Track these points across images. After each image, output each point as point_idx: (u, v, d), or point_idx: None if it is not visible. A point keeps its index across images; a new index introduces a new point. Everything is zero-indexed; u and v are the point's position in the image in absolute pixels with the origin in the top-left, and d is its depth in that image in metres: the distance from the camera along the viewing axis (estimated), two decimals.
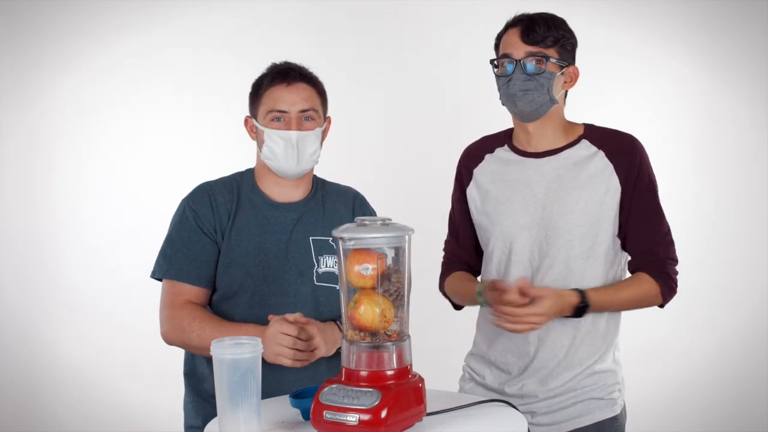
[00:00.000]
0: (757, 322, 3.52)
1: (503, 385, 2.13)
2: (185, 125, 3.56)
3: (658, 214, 2.10)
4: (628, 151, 2.08)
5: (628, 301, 2.06)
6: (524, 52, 2.03)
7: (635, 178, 2.06)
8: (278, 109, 2.10)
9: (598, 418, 2.08)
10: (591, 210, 2.05)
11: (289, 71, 2.13)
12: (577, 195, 2.06)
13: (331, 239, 2.12)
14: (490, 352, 2.17)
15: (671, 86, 3.54)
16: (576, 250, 2.05)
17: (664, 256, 2.08)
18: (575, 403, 2.07)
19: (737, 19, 3.48)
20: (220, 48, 3.54)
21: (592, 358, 2.08)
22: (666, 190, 3.67)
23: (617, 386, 2.12)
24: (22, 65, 3.53)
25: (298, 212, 2.15)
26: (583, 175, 2.07)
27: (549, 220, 2.06)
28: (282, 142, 2.08)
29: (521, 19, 2.07)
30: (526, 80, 2.02)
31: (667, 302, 2.11)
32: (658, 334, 3.52)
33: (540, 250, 2.07)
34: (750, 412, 3.51)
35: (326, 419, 1.55)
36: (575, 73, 2.10)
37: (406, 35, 3.58)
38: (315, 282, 2.11)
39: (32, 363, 3.60)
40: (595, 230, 2.05)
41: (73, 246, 3.58)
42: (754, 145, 3.50)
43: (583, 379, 2.08)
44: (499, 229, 2.13)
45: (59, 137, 3.54)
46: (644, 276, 2.07)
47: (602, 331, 2.09)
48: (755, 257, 3.52)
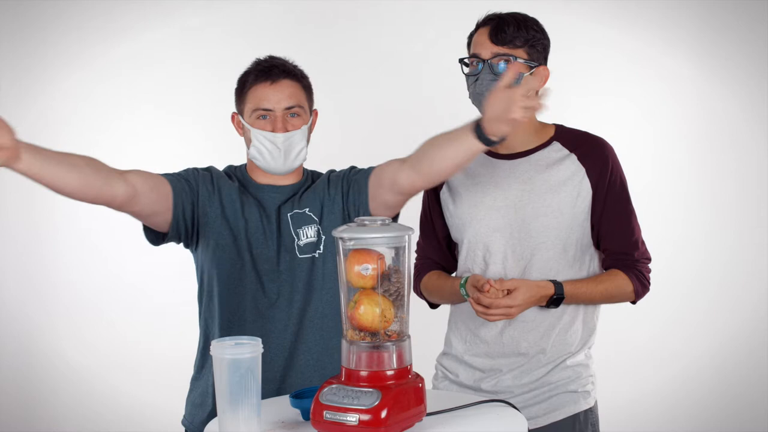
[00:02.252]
0: (756, 322, 3.52)
1: (478, 382, 2.15)
2: (186, 125, 3.56)
3: (629, 215, 2.14)
4: (599, 154, 2.11)
5: (602, 294, 2.11)
6: (491, 53, 2.05)
7: (607, 182, 2.10)
8: (263, 108, 2.10)
9: (574, 410, 2.11)
10: (563, 212, 2.08)
11: (272, 68, 2.13)
12: (549, 198, 2.09)
13: (307, 209, 2.14)
14: (465, 351, 2.19)
15: (670, 86, 3.54)
16: (549, 251, 2.09)
17: (637, 256, 2.13)
18: (550, 397, 2.11)
19: (735, 20, 3.48)
20: (220, 47, 3.53)
21: (565, 354, 2.12)
22: (665, 190, 3.69)
23: (590, 379, 2.16)
24: (22, 65, 3.53)
25: (285, 194, 2.16)
26: (554, 178, 2.10)
27: (522, 223, 2.10)
28: (268, 144, 2.09)
29: (491, 18, 2.08)
30: (492, 80, 2.03)
31: (640, 298, 2.17)
32: (657, 334, 3.53)
33: (514, 252, 2.10)
34: (750, 412, 3.51)
35: (326, 419, 1.55)
36: (546, 74, 2.11)
37: (405, 33, 3.57)
38: (298, 255, 2.11)
39: (32, 363, 3.60)
40: (567, 232, 2.09)
41: (73, 246, 3.58)
42: (753, 145, 3.50)
43: (557, 372, 2.11)
44: (472, 231, 2.15)
45: (59, 137, 3.52)
46: (618, 272, 2.12)
47: (578, 330, 2.14)
48: (754, 258, 3.52)
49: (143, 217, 2.07)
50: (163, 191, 2.05)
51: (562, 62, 3.37)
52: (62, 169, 1.81)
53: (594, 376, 2.18)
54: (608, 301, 2.15)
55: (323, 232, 2.13)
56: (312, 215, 2.14)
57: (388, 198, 2.10)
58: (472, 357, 2.17)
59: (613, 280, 2.11)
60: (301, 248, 2.12)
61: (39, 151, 1.78)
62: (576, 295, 2.07)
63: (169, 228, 2.09)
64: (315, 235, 2.13)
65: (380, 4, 3.53)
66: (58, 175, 1.81)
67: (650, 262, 2.16)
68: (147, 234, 2.13)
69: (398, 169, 2.06)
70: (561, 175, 2.10)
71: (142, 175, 2.02)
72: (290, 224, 2.13)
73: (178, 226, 2.09)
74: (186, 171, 2.16)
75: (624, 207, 2.13)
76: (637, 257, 2.13)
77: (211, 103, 3.49)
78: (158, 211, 2.05)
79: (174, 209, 2.07)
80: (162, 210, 2.06)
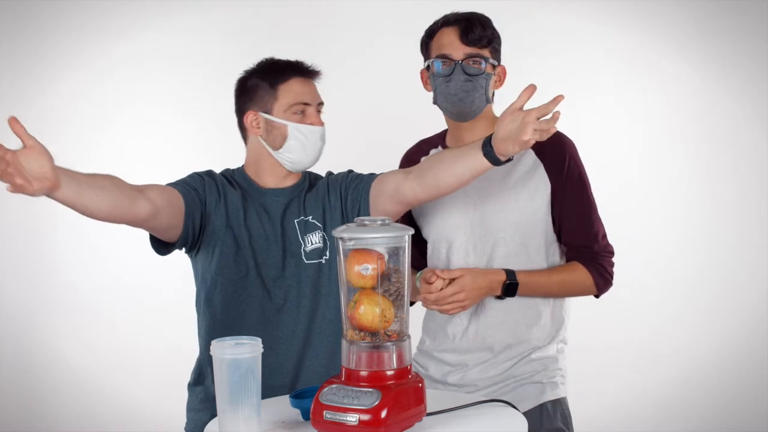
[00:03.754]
0: (756, 322, 3.52)
1: (445, 376, 2.18)
2: (186, 125, 3.56)
3: (589, 207, 2.15)
4: (556, 148, 2.12)
5: (559, 285, 2.12)
6: (464, 53, 2.08)
7: (565, 174, 2.12)
8: (303, 102, 2.12)
9: (540, 400, 2.12)
10: (522, 208, 2.11)
11: (303, 65, 2.16)
12: (508, 193, 2.12)
13: (311, 217, 2.15)
14: (434, 347, 2.22)
15: (669, 86, 3.54)
16: (509, 246, 2.12)
17: (597, 249, 2.14)
18: (515, 389, 2.12)
19: (734, 20, 3.48)
20: (220, 47, 3.53)
21: (531, 348, 2.14)
22: (665, 191, 3.69)
23: (559, 372, 2.16)
24: (22, 65, 3.53)
25: (287, 197, 2.17)
26: (513, 174, 2.13)
27: (482, 219, 2.13)
28: (312, 136, 2.11)
29: (458, 19, 2.10)
30: (466, 81, 2.07)
31: (603, 292, 2.17)
32: (657, 334, 3.53)
33: (475, 248, 2.14)
34: (750, 412, 3.51)
35: (326, 419, 1.56)
36: (504, 73, 2.16)
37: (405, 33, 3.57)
38: (305, 261, 2.12)
39: (32, 363, 3.60)
40: (527, 227, 2.12)
41: (73, 246, 3.58)
42: (753, 145, 3.50)
43: (522, 366, 2.13)
44: (435, 229, 2.19)
45: (59, 137, 3.52)
46: (577, 264, 2.14)
47: (546, 325, 2.15)
48: (754, 258, 3.52)
49: (159, 232, 2.06)
50: (177, 204, 2.04)
51: (562, 63, 3.40)
52: (94, 193, 1.79)
53: (563, 370, 2.18)
54: (568, 294, 2.16)
55: (328, 238, 2.14)
56: (316, 222, 2.15)
57: (387, 207, 2.11)
58: (441, 353, 2.20)
59: (571, 272, 2.12)
60: (308, 254, 2.12)
61: (73, 176, 1.74)
62: (530, 283, 2.08)
63: (178, 238, 2.08)
64: (320, 240, 2.14)
65: (382, 5, 3.53)
66: (92, 200, 1.78)
67: (613, 257, 2.16)
68: (154, 244, 2.11)
69: (402, 180, 2.08)
70: (519, 170, 2.13)
71: (159, 190, 2.01)
72: (297, 230, 2.13)
73: (186, 236, 2.08)
74: (192, 178, 2.14)
75: (583, 200, 2.14)
76: (597, 250, 2.13)
77: (211, 102, 3.48)
78: (174, 224, 2.05)
79: (185, 220, 2.07)
80: (177, 223, 2.05)
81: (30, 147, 1.63)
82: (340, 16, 3.55)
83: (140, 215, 1.92)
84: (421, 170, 2.06)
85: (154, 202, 1.95)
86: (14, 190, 1.62)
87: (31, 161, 1.62)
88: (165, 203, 1.99)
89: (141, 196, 1.92)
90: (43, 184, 1.64)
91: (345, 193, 2.17)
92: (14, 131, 1.62)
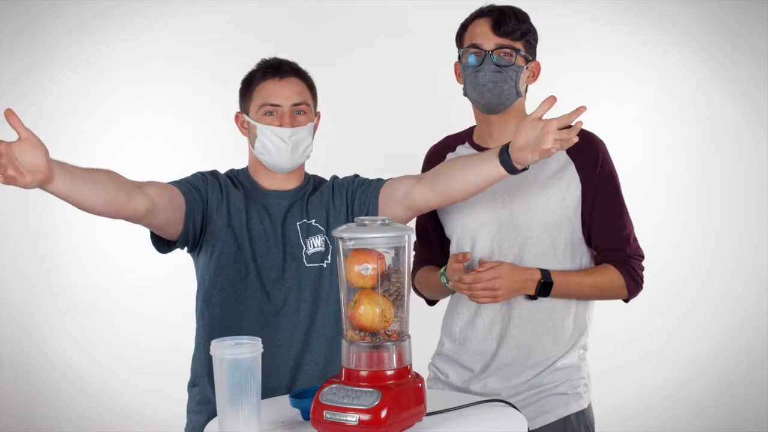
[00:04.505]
0: (756, 322, 3.52)
1: (467, 383, 2.14)
2: (186, 125, 3.56)
3: (621, 210, 2.12)
4: (589, 148, 2.09)
5: (592, 286, 2.08)
6: (494, 44, 2.05)
7: (597, 176, 2.08)
8: (271, 103, 2.10)
9: (564, 413, 2.08)
10: (552, 207, 2.07)
11: (281, 65, 2.14)
12: (537, 192, 2.08)
13: (314, 221, 2.14)
14: (455, 351, 2.17)
15: (669, 86, 3.54)
16: (537, 246, 2.08)
17: (629, 252, 2.10)
18: (539, 400, 2.08)
19: (735, 20, 3.48)
20: (221, 47, 3.53)
21: (555, 356, 2.09)
22: (665, 190, 3.69)
23: (582, 381, 2.12)
24: (22, 65, 3.53)
25: (289, 200, 2.16)
26: (544, 172, 2.09)
27: (510, 217, 2.09)
28: (275, 138, 2.09)
29: (491, 10, 2.08)
30: (495, 71, 2.04)
31: (633, 296, 2.13)
32: (657, 334, 3.53)
33: (501, 247, 2.10)
34: (750, 412, 3.51)
35: (326, 419, 1.55)
36: (538, 68, 2.13)
37: (405, 33, 3.57)
38: (306, 264, 2.11)
39: (32, 363, 3.60)
40: (556, 227, 2.08)
41: (73, 246, 3.58)
42: (753, 145, 3.50)
43: (547, 375, 2.09)
44: (460, 226, 2.15)
45: (59, 137, 3.52)
46: (610, 267, 2.09)
47: (568, 330, 2.11)
48: (754, 258, 3.52)
49: (158, 229, 2.06)
50: (178, 202, 2.04)
51: (562, 62, 3.39)
52: (89, 187, 1.79)
53: (587, 378, 2.14)
54: (600, 297, 2.12)
55: (330, 242, 2.13)
56: (318, 226, 2.14)
57: (397, 212, 2.09)
58: (462, 356, 2.15)
59: (604, 273, 2.08)
60: (309, 257, 2.12)
61: (68, 169, 1.75)
62: (564, 283, 2.04)
63: (179, 237, 2.08)
64: (322, 244, 2.13)
65: (387, 7, 3.53)
66: (86, 194, 1.79)
67: (643, 260, 2.12)
68: (154, 242, 2.12)
69: (414, 185, 2.06)
70: (550, 168, 2.09)
71: (158, 187, 2.01)
72: (299, 233, 2.13)
73: (187, 235, 2.08)
74: (195, 177, 2.14)
75: (614, 202, 2.11)
76: (629, 253, 2.10)
77: (212, 102, 3.49)
78: (173, 222, 2.05)
79: (185, 219, 2.06)
80: (176, 221, 2.05)
81: (24, 139, 1.63)
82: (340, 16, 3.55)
83: (137, 211, 1.92)
84: (433, 176, 2.04)
85: (152, 198, 1.95)
86: (5, 182, 1.62)
87: (26, 153, 1.63)
88: (164, 200, 1.99)
89: (139, 191, 1.93)
90: (36, 177, 1.64)
91: (352, 197, 2.16)
92: (10, 123, 1.62)
